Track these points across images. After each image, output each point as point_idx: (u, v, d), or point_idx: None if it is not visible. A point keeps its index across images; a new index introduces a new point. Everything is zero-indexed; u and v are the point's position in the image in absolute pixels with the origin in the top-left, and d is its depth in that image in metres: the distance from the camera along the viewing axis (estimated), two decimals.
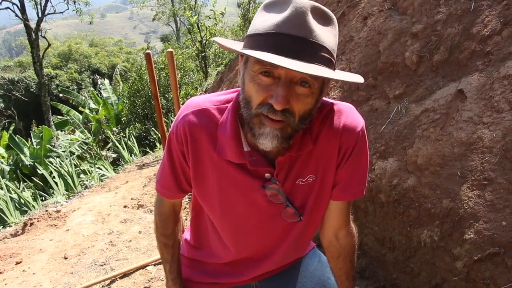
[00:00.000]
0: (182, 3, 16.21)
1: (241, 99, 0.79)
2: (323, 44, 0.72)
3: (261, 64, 0.72)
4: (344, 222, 1.00)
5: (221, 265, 1.06)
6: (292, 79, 0.72)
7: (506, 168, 1.41)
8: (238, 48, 0.76)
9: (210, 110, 0.88)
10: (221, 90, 5.74)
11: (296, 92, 0.73)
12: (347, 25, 2.66)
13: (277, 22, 0.70)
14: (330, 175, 0.91)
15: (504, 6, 1.68)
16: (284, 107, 0.71)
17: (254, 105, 0.75)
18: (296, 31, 0.69)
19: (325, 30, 0.73)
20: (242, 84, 0.78)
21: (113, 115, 10.99)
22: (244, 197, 0.90)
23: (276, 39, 0.70)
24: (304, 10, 0.70)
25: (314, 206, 0.93)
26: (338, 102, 0.91)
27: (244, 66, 0.78)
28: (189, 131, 0.87)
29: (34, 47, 14.45)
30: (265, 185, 0.88)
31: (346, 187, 0.92)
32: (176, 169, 0.95)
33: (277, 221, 0.94)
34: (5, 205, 5.26)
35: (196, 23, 10.48)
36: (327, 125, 0.87)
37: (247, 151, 0.85)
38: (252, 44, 0.73)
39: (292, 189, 0.90)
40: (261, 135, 0.76)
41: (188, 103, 0.91)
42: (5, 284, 2.64)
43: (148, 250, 2.93)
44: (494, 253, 1.34)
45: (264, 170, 0.87)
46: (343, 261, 1.04)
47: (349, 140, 0.88)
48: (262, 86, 0.73)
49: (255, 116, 0.76)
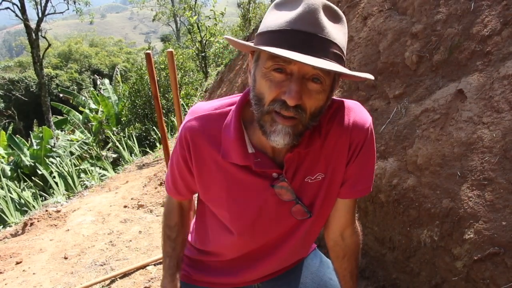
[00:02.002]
0: (182, 3, 16.20)
1: (251, 96, 0.79)
2: (334, 41, 0.72)
3: (273, 60, 0.72)
4: (350, 221, 1.00)
5: (223, 263, 1.06)
6: (304, 75, 0.72)
7: (506, 168, 1.41)
8: (250, 46, 0.77)
9: (213, 115, 0.89)
10: (221, 90, 5.74)
11: (308, 88, 0.73)
12: (347, 25, 2.66)
13: (289, 19, 0.71)
14: (339, 172, 0.91)
15: (504, 6, 1.68)
16: (297, 103, 0.72)
17: (267, 102, 0.75)
18: (308, 27, 0.70)
19: (336, 27, 0.74)
20: (253, 82, 0.78)
21: (113, 115, 11.00)
22: (253, 198, 0.90)
23: (289, 35, 0.70)
24: (316, 7, 0.71)
25: (322, 204, 0.93)
26: (345, 100, 0.91)
27: (255, 64, 0.78)
28: (191, 138, 0.88)
29: (34, 47, 14.44)
30: (274, 184, 0.87)
31: (354, 184, 0.93)
32: (175, 174, 0.97)
33: (286, 219, 0.94)
34: (5, 205, 5.26)
35: (196, 23, 10.49)
36: (336, 122, 0.87)
37: (252, 153, 0.85)
38: (265, 41, 0.73)
39: (301, 186, 0.90)
40: (273, 132, 0.76)
41: (191, 110, 0.92)
42: (5, 284, 2.65)
43: (148, 250, 2.93)
44: (494, 253, 1.34)
45: (270, 171, 0.87)
46: (348, 261, 1.04)
47: (359, 136, 0.88)
48: (275, 82, 0.73)
49: (267, 113, 0.76)
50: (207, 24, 10.71)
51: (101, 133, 10.89)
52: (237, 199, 0.91)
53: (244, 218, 0.93)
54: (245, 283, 1.07)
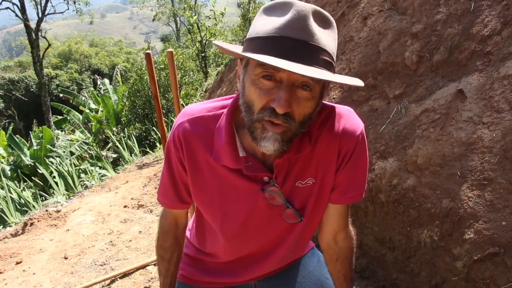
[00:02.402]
0: (182, 3, 16.22)
1: (241, 103, 0.78)
2: (324, 48, 0.71)
3: (262, 67, 0.71)
4: (343, 225, 1.00)
5: (221, 265, 1.06)
6: (294, 83, 0.72)
7: (506, 168, 1.41)
8: (239, 51, 0.76)
9: (205, 117, 0.88)
10: (221, 90, 5.74)
11: (297, 95, 0.72)
12: (347, 25, 2.66)
13: (279, 26, 0.70)
14: (329, 178, 0.91)
15: (504, 6, 1.68)
16: (286, 111, 0.71)
17: (256, 110, 0.74)
18: (298, 34, 0.69)
19: (325, 33, 0.73)
20: (242, 88, 0.78)
21: (113, 115, 11.00)
22: (244, 201, 0.90)
23: (278, 42, 0.69)
24: (305, 13, 0.70)
25: (314, 208, 0.93)
26: (337, 106, 0.90)
27: (244, 70, 0.77)
28: (184, 139, 0.87)
29: (34, 47, 14.45)
30: (264, 188, 0.87)
31: (345, 191, 0.92)
32: (175, 178, 0.95)
33: (277, 223, 0.94)
34: (6, 205, 5.26)
35: (196, 23, 10.49)
36: (326, 128, 0.87)
37: (243, 157, 0.85)
38: (254, 47, 0.72)
39: (291, 191, 0.90)
40: (263, 138, 0.76)
41: (183, 112, 0.91)
42: (5, 284, 2.65)
43: (148, 250, 2.93)
44: (494, 253, 1.35)
45: (261, 175, 0.87)
46: (341, 264, 1.04)
47: (349, 143, 0.87)
48: (264, 90, 0.73)
49: (257, 121, 0.75)
50: (207, 24, 10.71)
51: (101, 133, 10.89)
52: (228, 201, 0.91)
53: (235, 221, 0.93)
54: (241, 282, 1.08)
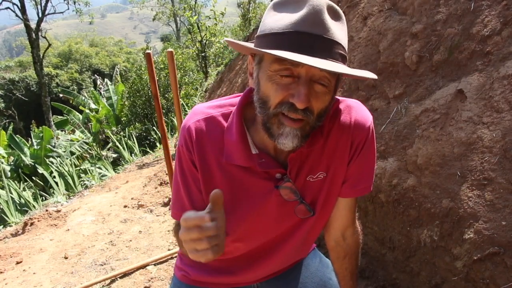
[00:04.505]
0: (182, 3, 16.20)
1: (255, 100, 0.78)
2: (339, 41, 0.72)
3: (280, 63, 0.71)
4: (352, 220, 1.00)
5: (223, 264, 1.05)
6: (312, 77, 0.72)
7: (506, 168, 1.41)
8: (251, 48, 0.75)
9: (215, 116, 0.87)
10: (221, 90, 5.73)
11: (315, 90, 0.73)
12: (347, 25, 2.66)
13: (294, 21, 0.70)
14: (340, 171, 0.91)
15: (504, 6, 1.68)
16: (306, 106, 0.72)
17: (273, 105, 0.74)
18: (314, 29, 0.69)
19: (338, 27, 0.74)
20: (257, 85, 0.77)
21: (113, 115, 11.00)
22: (256, 199, 0.89)
23: (295, 37, 0.69)
24: (321, 8, 0.70)
25: (324, 203, 0.93)
26: (346, 99, 0.91)
27: (257, 66, 0.77)
28: (196, 139, 0.86)
29: (34, 47, 14.46)
30: (278, 184, 0.87)
31: (355, 183, 0.93)
32: (189, 182, 0.90)
33: (288, 218, 0.93)
34: (6, 205, 5.26)
35: (196, 23, 10.48)
36: (337, 121, 0.87)
37: (255, 154, 0.84)
38: (268, 43, 0.72)
39: (303, 185, 0.89)
40: (281, 135, 0.75)
41: (193, 111, 0.90)
42: (6, 284, 2.65)
43: (148, 250, 2.93)
44: (494, 253, 1.35)
45: (274, 171, 0.86)
46: (349, 261, 1.04)
47: (360, 135, 0.88)
48: (282, 85, 0.72)
49: (273, 116, 0.75)
50: (207, 24, 10.71)
51: (101, 133, 10.90)
52: (241, 201, 0.90)
53: (247, 220, 0.92)
54: (244, 283, 1.07)
